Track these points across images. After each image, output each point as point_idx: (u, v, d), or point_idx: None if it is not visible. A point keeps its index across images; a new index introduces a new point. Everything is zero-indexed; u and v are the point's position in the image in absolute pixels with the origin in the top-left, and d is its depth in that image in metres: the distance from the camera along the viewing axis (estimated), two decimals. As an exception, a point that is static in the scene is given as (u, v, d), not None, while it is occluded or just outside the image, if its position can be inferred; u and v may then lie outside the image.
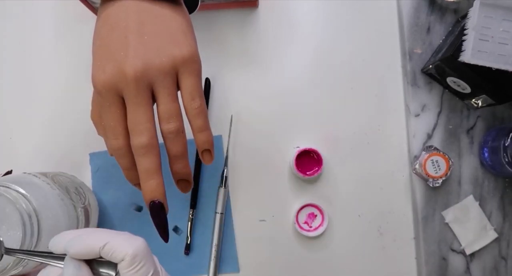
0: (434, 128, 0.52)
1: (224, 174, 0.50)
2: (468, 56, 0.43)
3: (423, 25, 0.53)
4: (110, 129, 0.34)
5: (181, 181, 0.38)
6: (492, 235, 0.51)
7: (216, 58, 0.52)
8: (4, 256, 0.30)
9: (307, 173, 0.50)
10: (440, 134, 0.52)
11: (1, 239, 0.30)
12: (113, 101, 0.33)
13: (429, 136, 0.52)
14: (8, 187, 0.36)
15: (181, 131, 0.35)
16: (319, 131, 0.52)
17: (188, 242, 0.50)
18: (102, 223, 0.51)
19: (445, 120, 0.52)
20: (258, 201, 0.51)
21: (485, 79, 0.46)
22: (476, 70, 0.45)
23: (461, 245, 0.51)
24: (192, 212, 0.50)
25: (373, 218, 0.51)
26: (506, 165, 0.48)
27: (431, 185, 0.50)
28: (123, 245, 0.28)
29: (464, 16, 0.47)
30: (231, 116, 0.51)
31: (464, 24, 0.45)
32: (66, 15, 0.53)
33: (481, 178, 0.52)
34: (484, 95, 0.48)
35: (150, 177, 0.34)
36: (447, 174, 0.49)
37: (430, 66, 0.50)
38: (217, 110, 0.52)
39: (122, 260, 0.28)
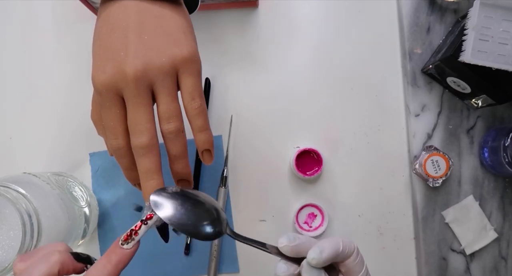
0: (434, 128, 0.52)
1: (224, 174, 0.50)
2: (468, 56, 0.43)
3: (423, 25, 0.53)
4: (110, 129, 0.34)
5: (181, 181, 0.38)
6: (492, 235, 0.51)
7: (216, 58, 0.52)
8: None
9: (307, 173, 0.50)
10: (440, 134, 0.52)
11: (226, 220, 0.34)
12: (113, 101, 0.33)
13: (429, 136, 0.52)
14: (8, 187, 0.36)
15: (181, 131, 0.35)
16: (319, 131, 0.52)
17: (188, 242, 0.50)
18: (102, 223, 0.51)
19: (445, 120, 0.52)
20: (258, 201, 0.51)
21: (485, 79, 0.46)
22: (476, 70, 0.45)
23: (461, 245, 0.51)
24: (192, 212, 0.50)
25: (373, 218, 0.51)
26: (506, 165, 0.48)
27: (431, 185, 0.50)
28: (350, 244, 0.33)
29: (464, 16, 0.47)
30: (231, 116, 0.51)
31: (464, 24, 0.45)
32: (66, 15, 0.53)
33: (481, 178, 0.52)
34: (484, 95, 0.48)
35: (150, 177, 0.34)
36: (447, 174, 0.49)
37: (430, 66, 0.50)
38: (217, 110, 0.52)
39: (351, 256, 0.33)
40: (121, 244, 0.31)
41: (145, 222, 0.31)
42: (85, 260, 0.31)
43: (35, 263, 0.29)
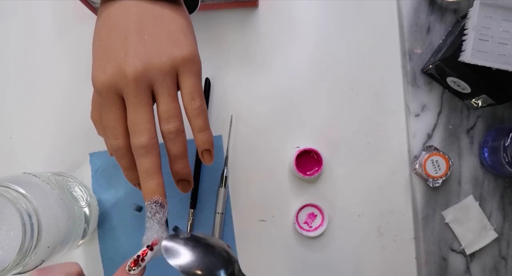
0: (434, 128, 0.52)
1: (224, 174, 0.50)
2: (468, 56, 0.43)
3: (423, 25, 0.53)
4: (110, 129, 0.34)
5: (181, 181, 0.38)
6: (492, 235, 0.51)
7: (216, 58, 0.52)
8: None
9: (307, 173, 0.50)
10: (440, 134, 0.52)
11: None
12: (113, 101, 0.33)
13: (429, 136, 0.52)
14: (8, 187, 0.36)
15: (181, 131, 0.35)
16: (319, 131, 0.52)
17: (188, 242, 0.50)
18: (102, 223, 0.51)
19: (445, 120, 0.52)
20: (258, 201, 0.51)
21: (485, 79, 0.46)
22: (476, 70, 0.45)
23: (461, 245, 0.51)
24: (192, 212, 0.50)
25: (373, 218, 0.51)
26: (506, 165, 0.48)
27: (431, 185, 0.50)
28: None
29: (464, 16, 0.47)
30: (231, 116, 0.51)
31: (464, 24, 0.45)
32: (65, 15, 0.53)
33: (481, 178, 0.52)
34: (484, 95, 0.48)
35: (150, 177, 0.34)
36: (447, 174, 0.49)
37: (430, 66, 0.50)
38: (217, 110, 0.52)
39: None
40: (128, 270, 0.31)
41: (151, 248, 0.32)
42: None
43: None
